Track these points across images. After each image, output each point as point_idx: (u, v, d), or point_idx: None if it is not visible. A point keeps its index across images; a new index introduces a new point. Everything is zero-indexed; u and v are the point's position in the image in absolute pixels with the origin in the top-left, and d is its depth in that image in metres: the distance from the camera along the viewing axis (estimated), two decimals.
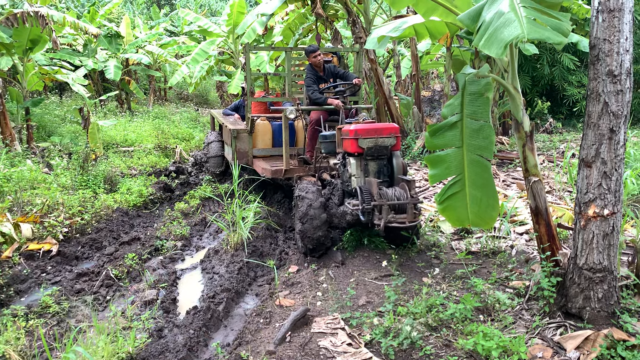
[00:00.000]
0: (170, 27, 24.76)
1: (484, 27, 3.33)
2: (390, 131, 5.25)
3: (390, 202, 4.81)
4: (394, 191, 4.99)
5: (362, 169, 5.29)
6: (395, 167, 5.35)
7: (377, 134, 5.19)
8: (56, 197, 7.12)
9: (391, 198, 4.90)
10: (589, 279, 3.58)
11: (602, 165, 3.43)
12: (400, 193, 4.95)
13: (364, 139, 5.15)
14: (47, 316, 4.53)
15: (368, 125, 5.25)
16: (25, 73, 11.09)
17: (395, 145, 5.31)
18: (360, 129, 5.18)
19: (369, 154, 5.22)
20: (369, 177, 5.23)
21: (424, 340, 3.68)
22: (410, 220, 4.79)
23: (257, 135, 8.07)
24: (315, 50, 7.10)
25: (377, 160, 5.31)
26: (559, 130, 12.19)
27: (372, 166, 5.30)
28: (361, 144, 5.16)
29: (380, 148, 5.22)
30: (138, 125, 14.49)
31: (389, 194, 4.95)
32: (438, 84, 18.14)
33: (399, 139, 5.34)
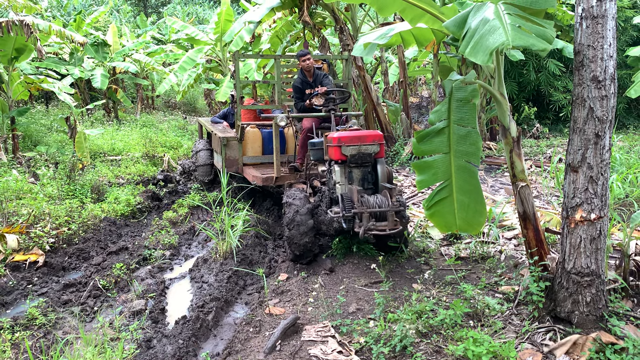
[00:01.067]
0: (157, 35, 24.66)
1: (469, 34, 3.36)
2: (373, 138, 5.24)
3: (371, 210, 4.81)
4: (376, 199, 4.98)
5: (346, 176, 5.27)
6: (380, 174, 5.31)
7: (361, 142, 5.18)
8: (42, 207, 7.04)
9: (372, 205, 4.90)
10: (577, 283, 3.60)
11: (589, 169, 3.46)
12: (382, 200, 4.94)
13: (347, 147, 5.16)
14: (33, 328, 4.47)
15: (352, 133, 5.26)
16: (10, 82, 10.99)
17: (379, 153, 5.30)
18: (343, 137, 5.19)
19: (352, 161, 5.21)
20: (352, 184, 5.21)
21: (414, 347, 3.67)
22: (390, 228, 4.79)
23: (247, 143, 8.03)
24: (305, 54, 7.11)
25: (361, 168, 5.30)
26: (546, 135, 12.30)
27: (356, 173, 5.30)
28: (344, 152, 5.16)
29: (363, 155, 5.20)
30: (125, 134, 14.39)
31: (371, 202, 4.94)
32: (426, 90, 18.25)
33: (383, 146, 5.32)
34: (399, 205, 4.87)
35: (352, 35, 10.79)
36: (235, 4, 25.88)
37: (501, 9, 3.37)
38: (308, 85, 7.21)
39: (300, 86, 7.16)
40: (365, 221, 4.77)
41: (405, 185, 8.73)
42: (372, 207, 4.87)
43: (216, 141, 8.63)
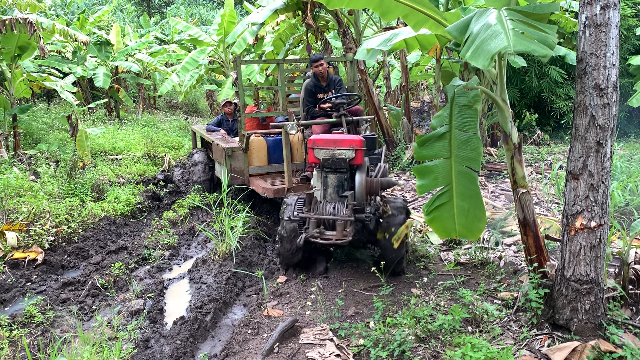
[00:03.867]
0: (160, 36, 24.70)
1: (471, 39, 3.36)
2: (350, 143, 4.91)
3: (317, 216, 4.65)
4: (332, 205, 4.80)
5: (322, 182, 5.04)
6: (357, 183, 4.97)
7: (335, 145, 4.92)
8: (43, 205, 7.05)
9: (326, 213, 4.72)
10: (576, 291, 3.60)
11: (589, 177, 3.46)
12: (339, 208, 4.74)
13: (320, 150, 4.95)
14: (31, 326, 4.46)
15: (328, 136, 5.10)
16: (13, 79, 11.01)
17: (355, 159, 4.94)
18: (318, 139, 5.01)
19: (325, 165, 4.96)
20: (327, 189, 4.98)
21: (412, 352, 3.67)
22: (338, 238, 4.57)
23: (252, 153, 7.67)
24: (318, 59, 6.89)
25: (337, 174, 4.98)
26: (547, 142, 12.30)
27: (332, 179, 4.99)
28: (317, 154, 4.97)
29: (337, 160, 4.91)
30: (127, 134, 14.40)
31: (326, 209, 4.76)
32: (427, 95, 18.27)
33: (361, 152, 4.95)
34: (351, 215, 4.60)
35: (355, 39, 10.80)
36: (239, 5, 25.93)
37: (504, 15, 3.37)
38: (321, 89, 7.03)
39: (313, 89, 6.97)
40: (311, 227, 4.60)
41: (405, 190, 8.74)
42: (322, 214, 4.71)
43: (218, 151, 8.27)
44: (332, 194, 4.93)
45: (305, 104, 7.01)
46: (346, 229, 4.60)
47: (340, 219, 4.57)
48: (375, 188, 5.10)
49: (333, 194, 4.92)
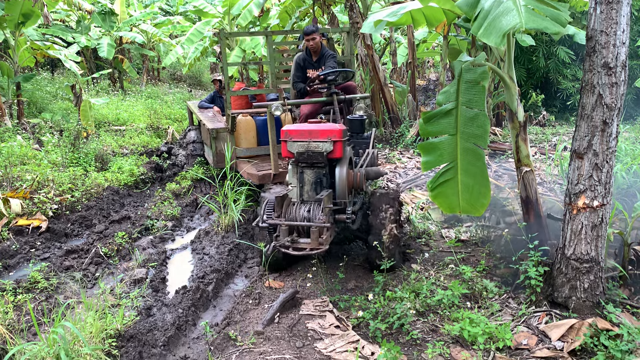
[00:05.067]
0: (165, 7, 24.48)
1: (482, 15, 3.32)
2: (327, 134, 4.27)
3: (287, 223, 4.05)
4: (307, 208, 4.22)
5: (298, 178, 4.45)
6: (338, 179, 4.36)
7: (311, 137, 4.29)
8: (46, 174, 7.08)
9: (299, 218, 4.15)
10: (575, 269, 3.62)
11: (594, 156, 3.45)
12: (314, 212, 4.14)
13: (294, 142, 4.33)
14: (35, 291, 4.53)
15: (302, 126, 4.47)
16: (16, 48, 10.95)
17: (333, 152, 4.30)
18: (292, 130, 4.38)
19: (300, 160, 4.35)
20: (304, 187, 4.42)
21: (411, 325, 3.71)
22: (313, 247, 3.96)
23: (240, 134, 7.04)
24: (311, 31, 6.35)
25: (314, 169, 4.41)
26: (552, 123, 12.24)
27: (308, 175, 4.42)
28: (290, 148, 4.35)
29: (313, 154, 4.29)
30: (130, 105, 14.37)
31: (300, 213, 4.17)
32: (433, 73, 18.12)
33: (341, 144, 4.32)
34: (327, 220, 4.00)
35: (362, 13, 10.68)
36: None
37: None
38: (311, 65, 6.51)
39: (302, 64, 6.50)
40: (282, 235, 4.04)
41: (409, 167, 8.73)
42: (295, 219, 4.14)
43: (205, 132, 7.81)
44: (309, 192, 4.39)
45: (294, 79, 6.55)
46: (322, 236, 3.98)
47: (315, 226, 3.96)
48: (360, 182, 4.52)
49: (310, 192, 4.39)
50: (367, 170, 4.80)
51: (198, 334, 3.99)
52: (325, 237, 3.97)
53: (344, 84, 6.25)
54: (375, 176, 4.89)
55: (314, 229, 3.94)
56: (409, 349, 3.48)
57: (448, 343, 3.49)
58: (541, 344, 3.42)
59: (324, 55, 6.51)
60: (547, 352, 3.30)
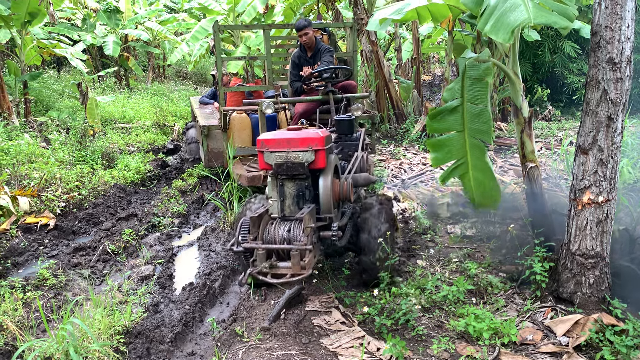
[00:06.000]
0: (170, 4, 24.48)
1: (488, 11, 3.33)
2: (308, 143, 3.80)
3: (264, 246, 3.56)
4: (287, 227, 3.72)
5: (278, 191, 3.94)
6: (322, 192, 3.89)
7: (290, 146, 3.81)
8: (54, 172, 7.13)
9: (280, 239, 3.67)
10: (581, 265, 3.63)
11: (599, 152, 3.45)
12: (295, 232, 3.65)
13: (271, 153, 3.85)
14: (44, 289, 4.57)
15: (280, 134, 3.97)
16: (23, 46, 11.00)
17: (315, 162, 3.82)
18: (268, 140, 3.89)
19: (279, 172, 3.87)
20: (285, 201, 3.93)
21: (416, 321, 3.73)
22: (294, 273, 3.49)
23: (234, 132, 6.69)
24: (302, 26, 5.98)
25: (295, 181, 3.91)
26: (558, 118, 12.20)
27: (289, 188, 3.92)
28: (267, 159, 3.86)
29: (293, 165, 3.82)
30: (136, 102, 14.43)
31: (279, 233, 3.70)
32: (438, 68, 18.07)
33: (324, 153, 3.84)
34: (309, 242, 3.54)
35: (366, 10, 10.66)
36: None
37: None
38: (306, 62, 6.21)
39: (297, 61, 6.24)
40: (259, 260, 3.56)
41: (414, 163, 8.74)
42: (274, 241, 3.67)
43: (198, 130, 7.47)
44: (291, 206, 3.91)
45: (291, 78, 6.32)
46: (304, 259, 3.51)
47: (295, 249, 3.48)
48: (347, 192, 4.07)
49: (292, 206, 3.91)
50: (355, 177, 4.39)
51: (205, 330, 4.02)
52: (307, 260, 3.52)
53: (342, 82, 6.00)
54: (365, 183, 4.50)
55: (295, 251, 3.47)
56: (415, 345, 3.49)
57: (453, 338, 3.51)
58: (546, 339, 3.43)
59: (320, 50, 6.22)
60: (553, 347, 3.32)
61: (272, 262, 3.57)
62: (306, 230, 3.58)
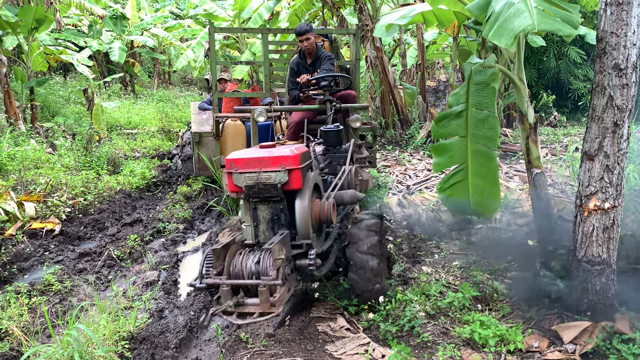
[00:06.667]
0: (175, 10, 24.64)
1: (493, 17, 3.33)
2: (280, 162, 3.43)
3: (228, 282, 3.17)
4: (255, 259, 3.27)
5: (251, 216, 3.55)
6: (298, 215, 3.50)
7: (261, 166, 3.42)
8: (59, 177, 7.17)
9: (248, 272, 3.24)
10: (587, 272, 3.60)
11: (605, 158, 3.44)
12: (265, 264, 3.19)
13: (241, 174, 3.44)
14: (49, 294, 4.59)
15: (249, 153, 3.56)
16: (30, 53, 11.08)
17: (289, 183, 3.44)
18: (236, 159, 3.49)
19: (251, 195, 3.47)
20: (259, 225, 3.54)
21: (421, 327, 3.72)
22: (263, 311, 3.09)
23: (227, 140, 6.39)
24: (304, 31, 5.74)
25: (269, 204, 3.54)
26: (563, 124, 12.17)
27: (263, 211, 3.53)
28: (237, 181, 3.46)
29: (265, 187, 3.42)
30: (142, 108, 14.49)
31: (247, 265, 3.26)
32: (443, 74, 18.08)
33: (299, 173, 3.46)
34: (278, 276, 3.10)
35: (371, 16, 10.70)
36: None
37: None
38: (305, 69, 5.97)
39: (296, 68, 6.03)
40: (224, 297, 3.16)
41: (419, 169, 8.73)
42: (241, 276, 3.24)
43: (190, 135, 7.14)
44: (265, 232, 3.53)
45: (288, 86, 6.09)
46: (274, 295, 3.11)
47: (263, 284, 3.06)
48: (328, 214, 3.63)
49: (267, 232, 3.52)
50: (339, 195, 3.98)
51: (209, 336, 4.01)
52: (278, 296, 3.10)
53: (342, 91, 5.74)
54: (351, 201, 4.06)
55: (263, 287, 3.05)
56: (420, 352, 3.48)
57: (459, 345, 3.49)
58: (553, 347, 3.41)
59: (320, 57, 5.98)
60: (559, 354, 3.29)
61: (239, 298, 3.15)
62: (276, 262, 3.14)
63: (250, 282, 3.17)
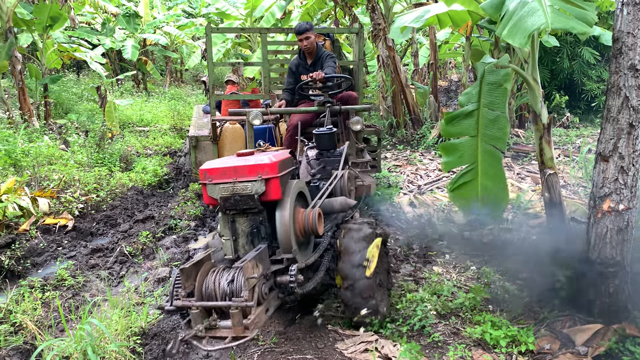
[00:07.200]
0: (188, 9, 24.75)
1: (507, 16, 3.31)
2: (257, 170, 3.18)
3: (198, 304, 2.89)
4: (229, 277, 2.99)
5: (229, 229, 3.34)
6: (279, 228, 3.25)
7: (236, 175, 3.19)
8: (72, 174, 7.23)
9: (221, 292, 2.96)
10: (600, 274, 3.58)
11: (620, 159, 3.41)
12: (238, 285, 2.93)
13: (215, 185, 3.22)
14: (62, 289, 4.64)
15: (224, 163, 3.32)
16: (44, 50, 11.19)
17: (267, 193, 3.19)
18: (210, 169, 3.26)
19: (227, 207, 3.25)
20: (238, 239, 3.33)
21: (432, 327, 3.71)
22: (236, 335, 2.83)
23: (225, 144, 6.16)
24: (304, 30, 5.52)
25: (248, 216, 3.31)
26: (576, 125, 12.07)
27: (242, 225, 3.32)
28: (211, 193, 3.24)
29: (242, 199, 3.19)
30: (154, 106, 14.58)
31: (221, 285, 2.97)
32: (455, 74, 18.01)
33: (277, 182, 3.21)
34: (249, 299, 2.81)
35: (384, 15, 10.68)
36: None
37: None
38: (306, 70, 5.78)
39: (294, 69, 5.85)
40: (194, 320, 2.90)
41: (430, 169, 8.71)
42: (213, 296, 2.97)
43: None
44: (245, 246, 3.32)
45: (286, 86, 5.90)
46: (248, 318, 2.85)
47: (234, 306, 2.80)
48: (313, 225, 3.38)
49: (247, 246, 3.31)
50: (329, 203, 3.80)
51: None
52: (253, 318, 2.86)
53: (342, 93, 5.52)
54: (342, 209, 3.86)
55: (234, 309, 2.80)
56: (430, 351, 3.47)
57: (470, 346, 3.48)
58: (564, 349, 3.39)
59: (321, 57, 5.73)
60: (571, 356, 3.28)
61: (211, 321, 2.88)
62: (249, 281, 2.85)
63: (220, 304, 2.88)
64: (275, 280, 3.23)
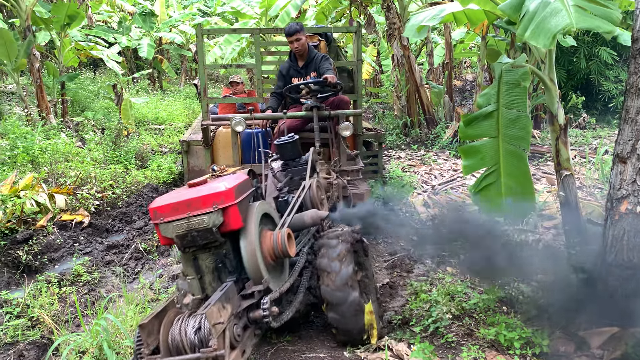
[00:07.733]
0: (203, 8, 24.85)
1: (528, 17, 3.28)
2: (211, 201, 2.85)
3: None
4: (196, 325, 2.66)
5: (192, 267, 2.98)
6: (245, 259, 2.96)
7: (190, 209, 2.84)
8: (89, 171, 7.31)
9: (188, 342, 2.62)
10: (617, 276, 3.54)
11: (638, 161, 3.37)
12: (205, 332, 2.62)
13: (168, 224, 2.86)
14: (79, 284, 4.70)
15: (174, 197, 2.94)
16: (62, 48, 11.33)
17: (225, 224, 2.87)
18: (161, 207, 2.89)
19: (186, 245, 2.89)
20: (204, 277, 2.98)
21: (446, 328, 3.70)
22: None
23: (218, 149, 5.91)
24: (293, 31, 5.27)
25: (211, 251, 2.99)
26: (593, 126, 11.93)
27: (205, 261, 2.98)
28: (165, 232, 2.87)
29: (199, 234, 2.85)
30: (169, 104, 14.67)
31: (188, 334, 2.64)
32: (470, 73, 17.90)
33: (235, 209, 2.89)
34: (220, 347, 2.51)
35: (399, 14, 10.64)
36: None
37: None
38: (297, 73, 5.51)
39: (284, 72, 5.57)
40: None
41: (444, 169, 8.67)
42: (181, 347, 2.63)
43: None
44: (212, 283, 2.99)
45: (274, 90, 5.67)
46: None
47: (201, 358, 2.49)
48: (282, 247, 3.08)
49: (214, 282, 2.99)
50: (299, 218, 3.55)
51: None
52: None
53: (332, 97, 5.22)
54: (313, 223, 3.61)
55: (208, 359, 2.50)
56: (444, 352, 3.46)
57: (483, 347, 3.46)
58: (579, 351, 3.36)
59: (314, 59, 5.46)
60: (586, 359, 3.25)
61: None
62: (216, 328, 2.55)
63: (188, 357, 2.55)
64: (248, 317, 2.94)
